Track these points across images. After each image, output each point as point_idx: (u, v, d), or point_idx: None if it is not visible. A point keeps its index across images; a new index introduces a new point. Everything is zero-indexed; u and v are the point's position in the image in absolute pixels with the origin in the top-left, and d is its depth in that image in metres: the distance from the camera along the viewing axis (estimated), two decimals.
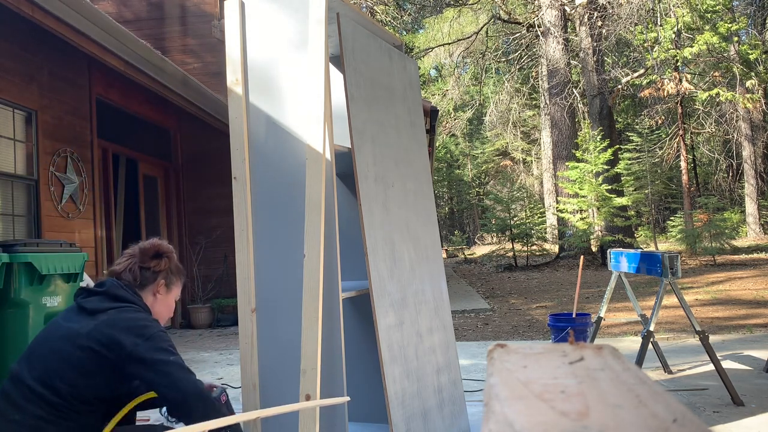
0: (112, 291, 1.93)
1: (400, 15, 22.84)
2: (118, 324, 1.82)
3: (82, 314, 1.88)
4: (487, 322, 7.55)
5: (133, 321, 1.84)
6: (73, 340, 1.81)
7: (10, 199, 5.30)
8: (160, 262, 2.08)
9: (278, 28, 2.53)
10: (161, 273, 2.07)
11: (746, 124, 21.41)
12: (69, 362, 1.79)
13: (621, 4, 15.59)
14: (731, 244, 14.74)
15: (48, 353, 1.83)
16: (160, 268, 2.07)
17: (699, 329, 3.57)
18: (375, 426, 3.05)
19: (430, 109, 8.48)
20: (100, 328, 1.81)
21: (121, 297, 1.92)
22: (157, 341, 1.82)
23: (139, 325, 1.84)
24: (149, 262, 2.06)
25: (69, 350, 1.80)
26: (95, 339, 1.79)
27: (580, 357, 0.58)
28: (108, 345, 1.78)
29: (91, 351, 1.78)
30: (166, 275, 2.09)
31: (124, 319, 1.84)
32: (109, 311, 1.86)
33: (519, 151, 30.67)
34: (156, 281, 2.07)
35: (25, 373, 1.82)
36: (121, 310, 1.88)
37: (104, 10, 8.46)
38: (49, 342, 1.87)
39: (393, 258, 2.67)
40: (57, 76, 5.89)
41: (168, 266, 2.10)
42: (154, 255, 2.08)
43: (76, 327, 1.84)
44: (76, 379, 1.78)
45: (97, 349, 1.79)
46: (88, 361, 1.79)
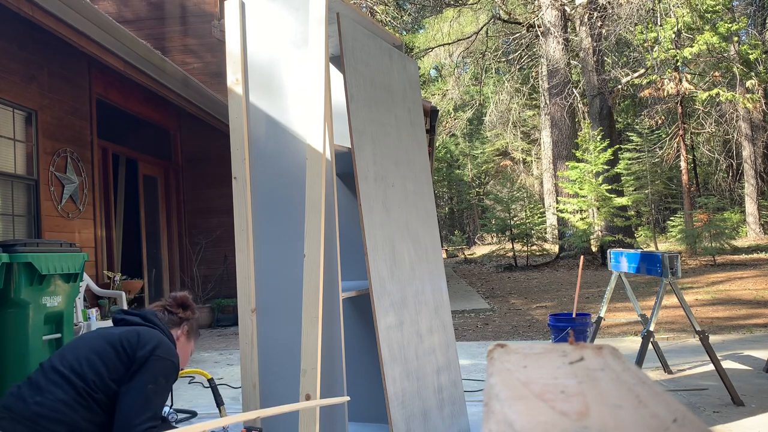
0: (149, 316, 2.20)
1: (400, 15, 22.83)
2: (145, 334, 2.04)
3: (120, 324, 2.16)
4: (487, 322, 7.55)
5: (157, 337, 2.05)
6: (107, 337, 2.04)
7: (10, 199, 5.30)
8: (186, 312, 2.35)
9: (278, 28, 2.53)
10: (186, 321, 2.33)
11: (746, 124, 21.41)
12: (98, 353, 1.97)
13: (621, 4, 15.59)
14: (731, 244, 14.74)
15: (82, 346, 2.03)
16: (186, 317, 2.33)
17: (699, 329, 3.57)
18: (375, 426, 3.05)
19: (430, 109, 8.48)
20: (132, 331, 2.05)
21: (155, 323, 2.19)
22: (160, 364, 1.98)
23: (159, 341, 2.03)
24: (177, 309, 2.33)
25: (101, 344, 2.01)
26: (125, 337, 2.01)
27: (580, 357, 0.57)
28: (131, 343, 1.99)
29: (120, 345, 1.98)
30: (189, 324, 2.35)
31: (152, 334, 2.07)
32: (144, 326, 2.12)
33: (519, 151, 30.67)
34: (181, 326, 2.32)
35: (56, 362, 1.98)
36: (152, 330, 2.12)
37: (104, 10, 8.46)
38: (84, 340, 2.08)
39: (393, 258, 2.67)
40: (57, 76, 5.89)
41: (192, 317, 2.36)
42: (182, 304, 2.35)
43: (113, 330, 2.10)
44: (101, 367, 1.94)
45: (123, 344, 1.99)
46: (114, 353, 1.97)
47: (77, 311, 4.99)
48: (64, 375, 1.91)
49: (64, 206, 5.84)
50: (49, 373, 1.94)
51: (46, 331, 4.10)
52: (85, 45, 5.19)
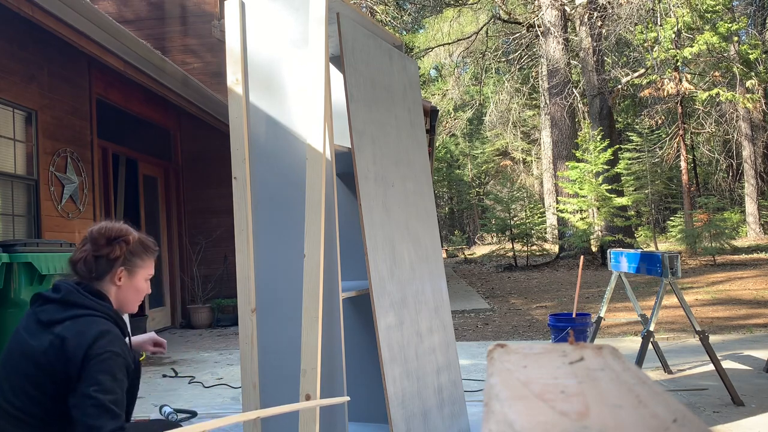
0: (66, 297, 1.82)
1: (400, 15, 22.83)
2: (70, 340, 1.73)
3: (39, 326, 1.80)
4: (487, 322, 7.55)
5: (84, 335, 1.74)
6: (32, 358, 1.76)
7: (10, 199, 5.30)
8: (113, 249, 1.89)
9: (278, 28, 2.53)
10: (117, 260, 1.90)
11: (746, 124, 21.41)
12: (27, 378, 1.75)
13: (621, 4, 15.59)
14: (731, 244, 14.74)
15: (12, 371, 1.79)
16: (115, 255, 1.89)
17: (699, 329, 3.57)
18: (375, 426, 3.05)
19: (430, 109, 8.48)
20: (55, 343, 1.74)
21: (77, 303, 1.81)
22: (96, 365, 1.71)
23: (88, 341, 1.73)
24: (102, 249, 1.89)
25: (30, 369, 1.75)
26: (50, 353, 1.73)
27: (580, 357, 0.58)
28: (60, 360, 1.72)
29: (47, 366, 1.73)
30: (124, 261, 1.91)
31: (78, 333, 1.75)
32: (64, 323, 1.76)
33: (519, 151, 30.68)
34: (113, 270, 1.90)
35: None
36: (76, 321, 1.77)
37: (104, 10, 8.47)
38: (13, 359, 1.81)
39: (393, 258, 2.67)
40: (57, 76, 5.89)
41: (124, 251, 1.91)
42: (106, 242, 1.90)
43: (34, 344, 1.78)
44: (35, 393, 1.74)
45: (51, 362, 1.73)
46: (44, 375, 1.74)
47: None
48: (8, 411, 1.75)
49: (64, 206, 5.84)
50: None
51: None
52: (85, 45, 5.19)
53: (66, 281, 1.88)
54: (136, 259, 1.95)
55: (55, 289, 1.86)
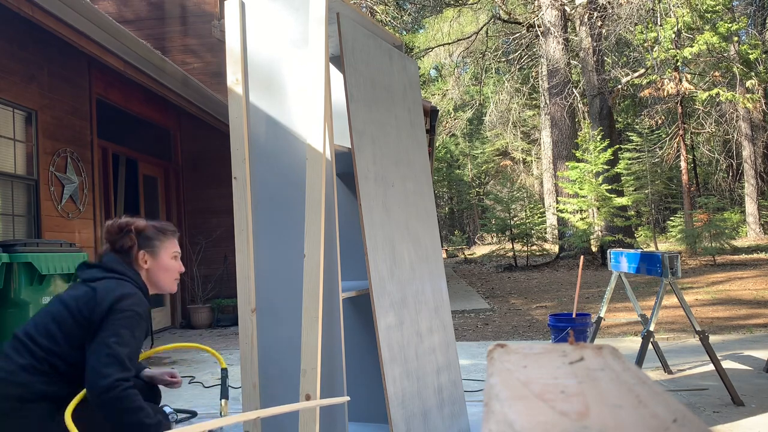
0: (107, 264, 2.07)
1: (400, 15, 22.83)
2: (101, 291, 1.95)
3: (79, 283, 2.05)
4: (487, 322, 7.55)
5: (114, 291, 1.94)
6: (65, 301, 1.98)
7: (10, 199, 5.30)
8: (125, 239, 2.12)
9: (278, 28, 2.53)
10: (133, 247, 2.13)
11: (746, 124, 21.41)
12: (55, 318, 1.95)
13: (621, 4, 15.59)
14: (731, 244, 14.74)
15: (41, 313, 2.01)
16: (132, 242, 2.12)
17: (699, 329, 3.57)
18: (375, 426, 3.05)
19: (430, 109, 8.48)
20: (89, 291, 1.96)
21: (115, 269, 2.05)
22: (120, 319, 1.89)
23: (117, 295, 1.93)
24: (118, 243, 2.12)
25: (59, 309, 1.97)
26: (82, 299, 1.94)
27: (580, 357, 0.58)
28: (88, 305, 1.92)
29: (77, 309, 1.92)
30: (141, 246, 2.14)
31: (109, 288, 1.96)
32: (102, 281, 2.00)
33: (519, 151, 30.67)
34: (134, 255, 2.13)
35: (19, 330, 1.99)
36: (111, 281, 2.00)
37: (104, 10, 8.47)
38: (48, 305, 2.05)
39: (393, 258, 2.67)
40: (57, 76, 5.89)
41: (134, 240, 2.14)
42: (117, 232, 2.13)
43: (70, 292, 2.02)
44: (57, 333, 1.91)
45: (80, 308, 1.92)
46: (71, 318, 1.92)
47: None
48: (22, 341, 1.93)
49: (64, 206, 5.84)
50: (13, 341, 1.97)
51: None
52: (85, 45, 5.19)
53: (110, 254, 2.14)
54: (154, 242, 2.18)
55: (99, 258, 2.16)
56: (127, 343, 1.88)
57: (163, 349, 2.61)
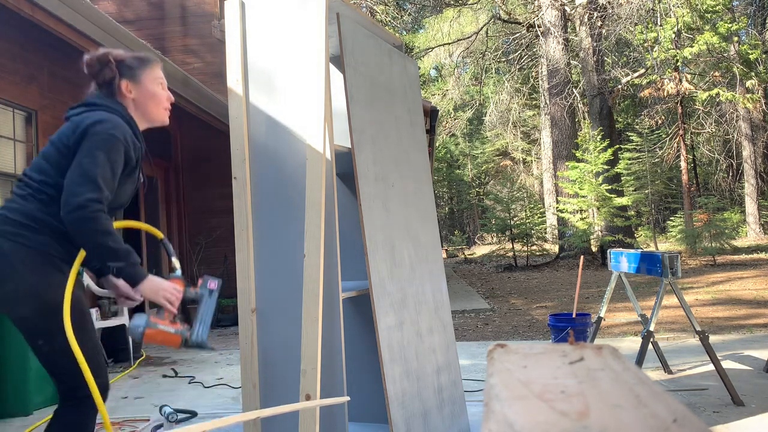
0: (89, 100, 2.09)
1: (400, 15, 22.84)
2: (80, 120, 1.98)
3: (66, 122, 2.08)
4: (487, 322, 7.55)
5: (91, 118, 1.97)
6: (51, 139, 2.03)
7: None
8: (105, 71, 2.11)
9: (278, 28, 2.53)
10: (115, 78, 2.11)
11: (746, 124, 21.41)
12: (43, 154, 2.01)
13: (621, 4, 15.59)
14: (731, 244, 14.74)
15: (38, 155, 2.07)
16: (111, 75, 2.10)
17: (699, 329, 3.57)
18: (375, 426, 3.05)
19: (430, 109, 8.48)
20: (70, 125, 2.00)
21: (97, 104, 2.06)
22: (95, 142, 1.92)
23: (93, 120, 1.95)
24: (99, 76, 2.12)
25: (47, 147, 2.03)
26: (63, 133, 2.00)
27: (580, 357, 0.58)
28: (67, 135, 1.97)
29: (59, 142, 1.98)
30: (123, 75, 2.12)
31: (88, 117, 1.98)
32: (83, 113, 2.03)
33: (519, 151, 30.67)
34: (117, 86, 2.11)
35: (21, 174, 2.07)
36: (92, 110, 2.03)
37: (104, 10, 8.46)
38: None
39: (393, 258, 2.67)
40: (57, 76, 5.89)
41: (114, 70, 2.11)
42: (97, 68, 2.12)
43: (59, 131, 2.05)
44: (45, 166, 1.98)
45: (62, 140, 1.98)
46: (56, 151, 1.98)
47: None
48: (21, 180, 2.02)
49: None
50: (17, 183, 2.05)
51: None
52: (86, 45, 5.19)
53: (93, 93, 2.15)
54: (135, 71, 2.15)
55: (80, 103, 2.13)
56: (101, 164, 1.90)
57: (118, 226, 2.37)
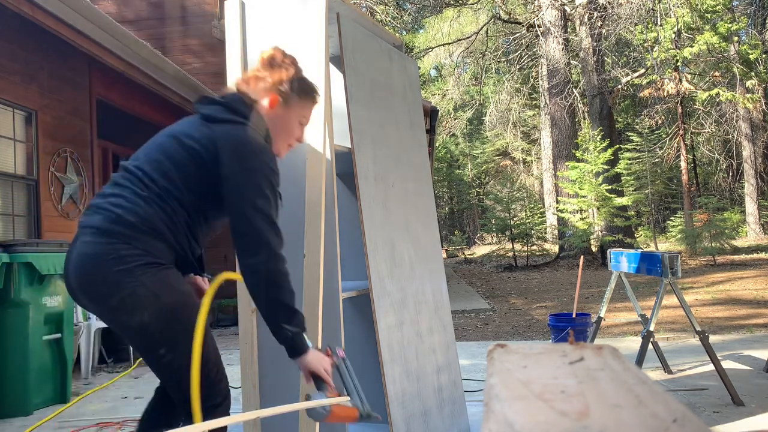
0: (232, 104, 1.84)
1: (400, 15, 22.83)
2: (229, 140, 1.76)
3: (199, 119, 1.85)
4: (487, 322, 7.55)
5: (243, 143, 1.76)
6: (179, 138, 1.80)
7: (10, 199, 5.30)
8: (272, 74, 1.89)
9: (278, 28, 2.53)
10: (273, 86, 1.89)
11: (746, 124, 21.40)
12: (168, 154, 1.78)
13: (621, 4, 15.59)
14: (731, 244, 14.73)
15: (151, 148, 1.84)
16: (273, 80, 1.89)
17: (699, 329, 3.57)
18: (375, 426, 3.05)
19: (430, 109, 8.48)
20: (211, 137, 1.77)
21: (240, 111, 1.82)
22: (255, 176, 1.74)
23: (247, 150, 1.75)
24: (260, 72, 1.90)
25: (172, 146, 1.79)
26: (200, 140, 1.77)
27: (580, 357, 0.58)
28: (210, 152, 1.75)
29: (194, 150, 1.76)
30: (279, 90, 1.89)
31: (237, 138, 1.77)
32: (225, 125, 1.80)
33: (519, 151, 30.67)
34: (269, 93, 1.89)
35: (128, 163, 1.83)
36: (237, 127, 1.79)
37: (104, 10, 8.46)
38: (158, 137, 1.88)
39: (393, 258, 2.67)
40: (57, 76, 5.89)
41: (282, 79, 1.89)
42: (268, 64, 1.90)
43: (186, 128, 1.83)
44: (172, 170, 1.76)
45: (199, 149, 1.76)
46: (187, 156, 1.76)
47: (77, 311, 4.99)
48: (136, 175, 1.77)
49: (64, 206, 5.84)
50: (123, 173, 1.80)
51: (46, 331, 4.11)
52: (86, 45, 5.19)
53: (234, 92, 1.90)
54: (292, 94, 1.92)
55: (222, 95, 1.90)
56: (273, 205, 1.75)
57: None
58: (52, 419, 3.73)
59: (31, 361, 3.89)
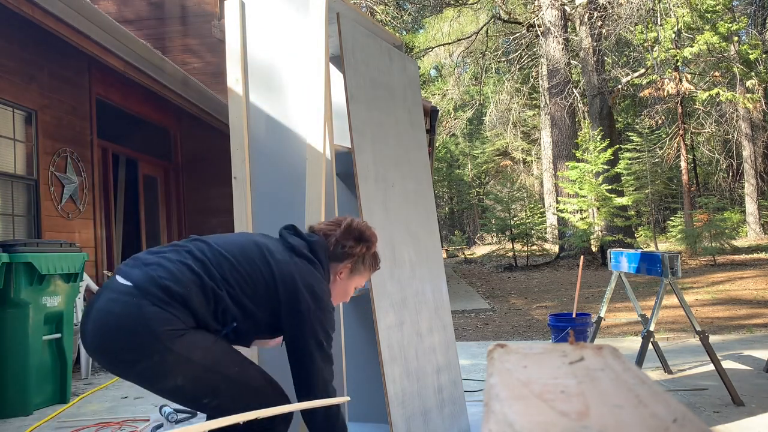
0: (316, 248, 1.92)
1: (400, 15, 22.83)
2: (307, 279, 1.82)
3: (283, 244, 1.91)
4: (487, 322, 7.55)
5: (319, 288, 1.84)
6: (264, 254, 1.83)
7: (10, 199, 5.30)
8: (356, 247, 1.97)
9: (278, 28, 2.53)
10: (352, 257, 1.98)
11: (746, 124, 21.40)
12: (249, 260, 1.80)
13: (621, 4, 15.59)
14: (731, 244, 14.73)
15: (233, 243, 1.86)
16: (354, 252, 1.97)
17: (699, 329, 3.57)
18: (375, 426, 3.05)
19: (430, 109, 8.47)
20: (291, 268, 1.82)
21: (320, 259, 1.91)
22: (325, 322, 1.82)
23: (321, 296, 1.83)
24: (347, 240, 1.97)
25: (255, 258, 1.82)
26: (282, 271, 1.81)
27: (580, 357, 0.58)
28: (287, 286, 1.79)
29: (271, 277, 1.79)
30: (355, 261, 1.99)
31: (315, 281, 1.84)
32: (307, 260, 1.87)
33: (519, 151, 30.67)
34: (342, 262, 1.98)
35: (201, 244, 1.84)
36: (317, 270, 1.87)
37: (104, 10, 8.46)
38: (245, 237, 1.94)
39: (393, 258, 2.67)
40: (57, 76, 5.89)
41: (362, 254, 1.99)
42: (356, 237, 1.98)
43: (272, 247, 1.87)
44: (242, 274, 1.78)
45: (277, 279, 1.79)
46: (263, 279, 1.79)
47: (77, 311, 4.99)
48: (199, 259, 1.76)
49: (64, 206, 5.84)
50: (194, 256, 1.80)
51: (46, 331, 4.11)
52: (85, 45, 5.19)
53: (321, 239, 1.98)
54: (361, 266, 2.04)
55: (310, 233, 2.00)
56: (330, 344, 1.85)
57: None
58: (52, 419, 3.73)
59: (31, 361, 3.89)
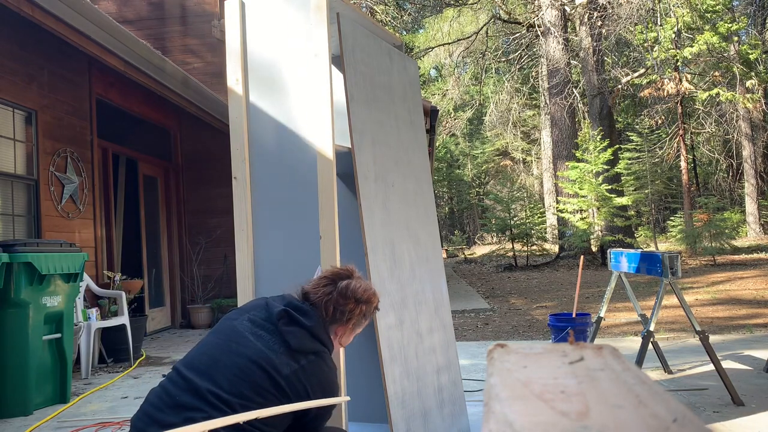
0: (316, 331, 1.86)
1: (400, 15, 22.83)
2: (316, 377, 1.80)
3: (282, 345, 1.80)
4: (487, 322, 7.55)
5: (328, 381, 1.83)
6: (268, 371, 1.75)
7: (10, 199, 5.30)
8: (355, 309, 1.95)
9: (279, 28, 2.53)
10: (353, 319, 1.95)
11: (746, 124, 21.40)
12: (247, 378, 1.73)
13: (621, 4, 15.59)
14: (731, 244, 14.73)
15: (237, 372, 1.75)
16: (353, 315, 1.94)
17: (699, 329, 3.57)
18: (375, 426, 3.05)
19: (430, 109, 8.47)
20: (300, 377, 1.77)
21: (322, 341, 1.87)
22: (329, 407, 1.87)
23: (330, 387, 1.84)
24: (345, 305, 1.94)
25: (262, 380, 1.74)
26: (292, 384, 1.76)
27: (580, 357, 0.58)
28: (299, 394, 1.76)
29: (283, 392, 1.74)
30: (356, 320, 1.97)
31: (323, 375, 1.82)
32: (310, 357, 1.81)
33: (519, 151, 30.67)
34: (344, 324, 1.95)
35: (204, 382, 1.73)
36: (321, 360, 1.84)
37: (104, 10, 8.46)
38: (239, 358, 1.77)
39: (393, 258, 2.67)
40: (57, 76, 5.89)
41: (362, 312, 1.97)
42: (355, 299, 1.95)
43: (273, 358, 1.77)
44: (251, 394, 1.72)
45: (288, 392, 1.75)
46: (276, 394, 1.74)
47: (77, 311, 4.99)
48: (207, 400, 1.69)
49: (64, 206, 5.84)
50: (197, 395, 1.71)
51: (46, 331, 4.11)
52: (85, 45, 5.19)
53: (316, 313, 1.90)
54: (363, 320, 1.99)
55: (303, 312, 1.88)
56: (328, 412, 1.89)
57: None
58: (52, 419, 3.73)
59: (31, 361, 3.89)
